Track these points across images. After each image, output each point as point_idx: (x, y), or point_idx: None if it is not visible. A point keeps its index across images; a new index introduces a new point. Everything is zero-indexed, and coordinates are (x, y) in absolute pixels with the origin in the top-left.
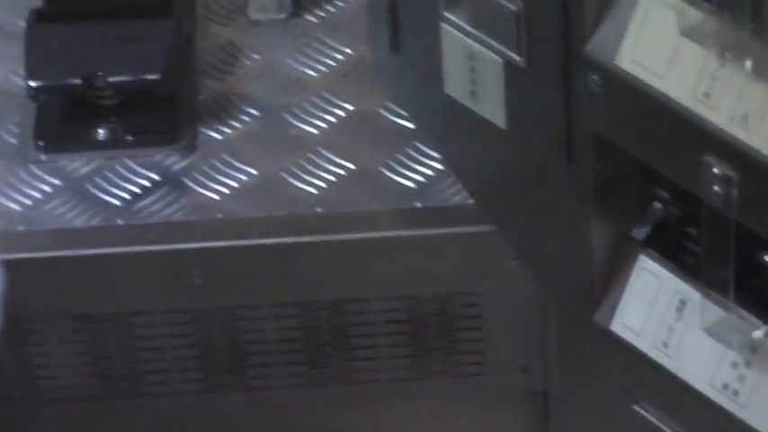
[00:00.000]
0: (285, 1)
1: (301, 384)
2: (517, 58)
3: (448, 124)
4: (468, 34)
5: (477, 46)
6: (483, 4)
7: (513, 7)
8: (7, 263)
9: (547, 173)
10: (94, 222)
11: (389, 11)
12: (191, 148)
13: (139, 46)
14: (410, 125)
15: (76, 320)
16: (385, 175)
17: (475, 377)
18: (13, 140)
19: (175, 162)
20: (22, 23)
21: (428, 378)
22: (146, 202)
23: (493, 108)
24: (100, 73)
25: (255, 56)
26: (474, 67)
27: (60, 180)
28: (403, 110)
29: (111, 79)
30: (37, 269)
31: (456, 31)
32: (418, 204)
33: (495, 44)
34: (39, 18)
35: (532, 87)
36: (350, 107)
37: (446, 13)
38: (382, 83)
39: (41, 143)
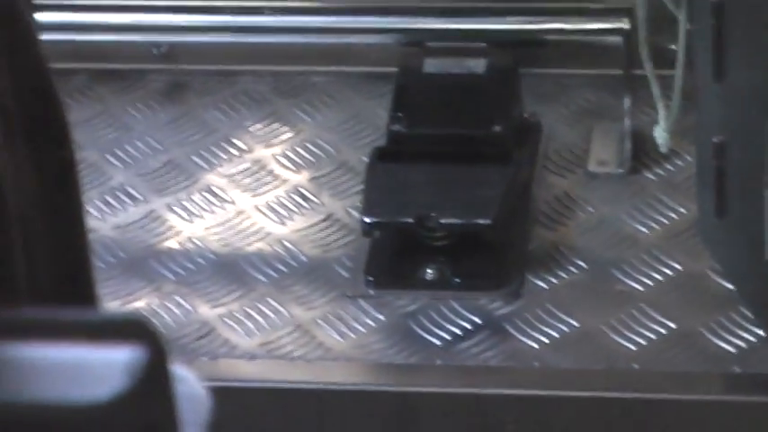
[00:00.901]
0: (625, 157)
1: None
2: None
3: (767, 293)
4: None
5: None
6: None
7: None
8: (317, 392)
9: None
10: (413, 360)
11: (716, 176)
12: (516, 295)
13: (474, 190)
14: None
15: None
16: (706, 337)
17: None
18: (345, 274)
19: (499, 307)
20: (365, 160)
21: None
22: (465, 344)
23: None
24: (433, 214)
25: (590, 208)
26: None
27: (385, 316)
28: (725, 274)
29: (443, 221)
30: (351, 400)
31: None
32: (738, 370)
33: None
34: (380, 156)
35: None
36: (678, 266)
37: None
38: (708, 245)
39: (371, 278)
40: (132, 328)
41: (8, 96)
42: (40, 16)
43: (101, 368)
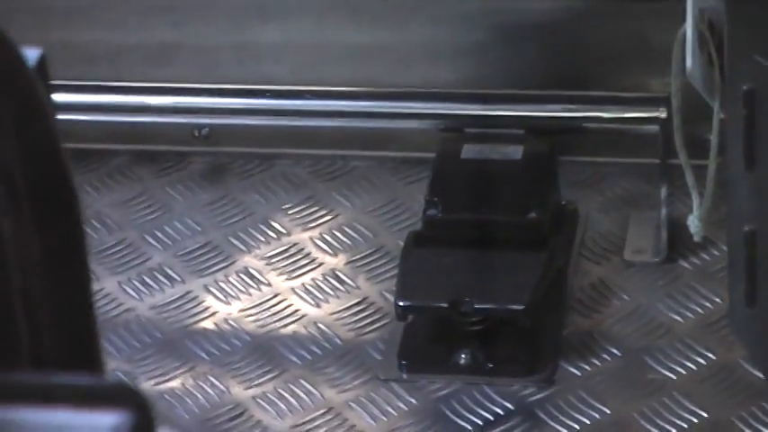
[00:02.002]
0: (661, 246)
1: None
2: None
3: None
4: None
5: None
6: None
7: None
8: None
9: None
10: None
11: (747, 264)
12: (549, 381)
13: (509, 276)
14: None
15: None
16: (738, 427)
17: None
18: (378, 356)
19: (532, 393)
20: (401, 244)
21: None
22: (497, 429)
23: None
24: (467, 299)
25: (625, 296)
26: None
27: (417, 400)
28: (756, 363)
29: (477, 306)
30: None
31: None
32: None
33: None
34: (416, 241)
35: None
36: (712, 356)
37: None
38: (739, 334)
39: (404, 362)
40: (121, 395)
41: (15, 166)
42: (83, 98)
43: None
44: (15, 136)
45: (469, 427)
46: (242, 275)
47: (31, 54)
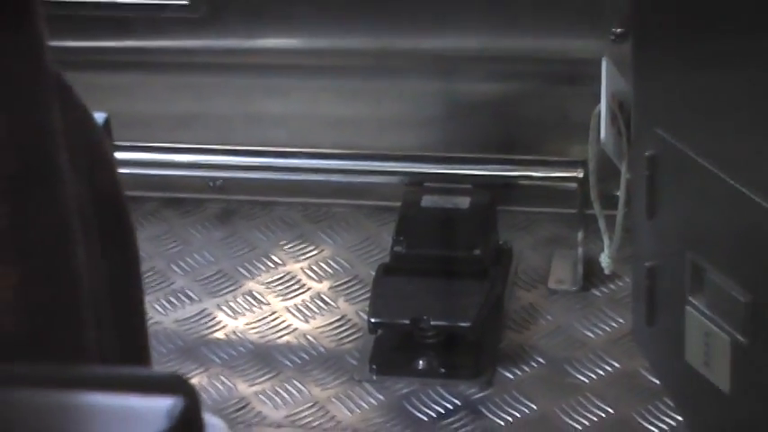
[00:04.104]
0: (578, 277)
1: None
2: (742, 339)
3: (686, 386)
4: (705, 316)
5: (711, 326)
6: (719, 293)
7: (742, 299)
8: None
9: None
10: None
11: (647, 293)
12: (489, 383)
13: (458, 300)
14: None
15: None
16: (637, 421)
17: None
18: (354, 362)
19: (475, 393)
20: (372, 274)
21: None
22: (448, 421)
23: (721, 376)
24: (425, 317)
25: (549, 317)
26: (708, 342)
27: (384, 397)
28: (653, 371)
29: (433, 323)
30: None
31: (696, 313)
32: None
33: (726, 326)
34: (385, 271)
35: (753, 363)
36: (617, 365)
37: (690, 298)
38: (641, 348)
39: (374, 367)
40: (173, 383)
41: (88, 205)
42: (125, 155)
43: (147, 413)
44: (88, 182)
45: (425, 419)
46: (247, 297)
47: (99, 117)
